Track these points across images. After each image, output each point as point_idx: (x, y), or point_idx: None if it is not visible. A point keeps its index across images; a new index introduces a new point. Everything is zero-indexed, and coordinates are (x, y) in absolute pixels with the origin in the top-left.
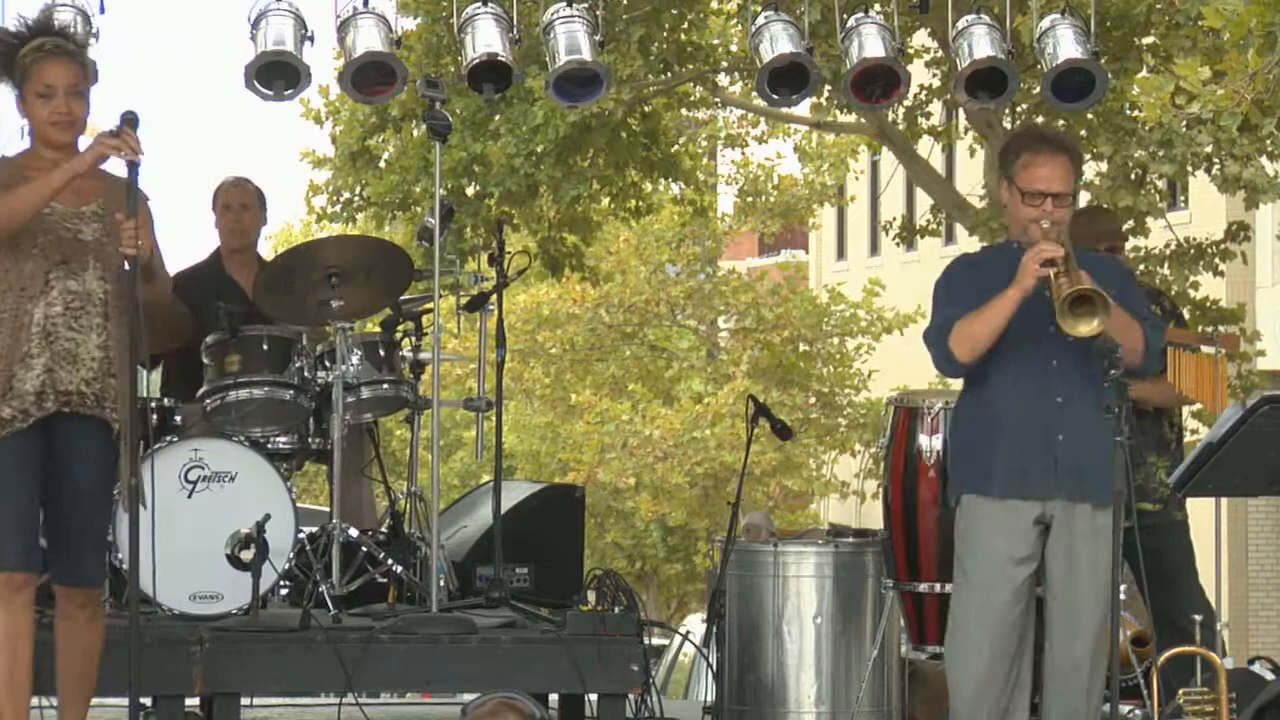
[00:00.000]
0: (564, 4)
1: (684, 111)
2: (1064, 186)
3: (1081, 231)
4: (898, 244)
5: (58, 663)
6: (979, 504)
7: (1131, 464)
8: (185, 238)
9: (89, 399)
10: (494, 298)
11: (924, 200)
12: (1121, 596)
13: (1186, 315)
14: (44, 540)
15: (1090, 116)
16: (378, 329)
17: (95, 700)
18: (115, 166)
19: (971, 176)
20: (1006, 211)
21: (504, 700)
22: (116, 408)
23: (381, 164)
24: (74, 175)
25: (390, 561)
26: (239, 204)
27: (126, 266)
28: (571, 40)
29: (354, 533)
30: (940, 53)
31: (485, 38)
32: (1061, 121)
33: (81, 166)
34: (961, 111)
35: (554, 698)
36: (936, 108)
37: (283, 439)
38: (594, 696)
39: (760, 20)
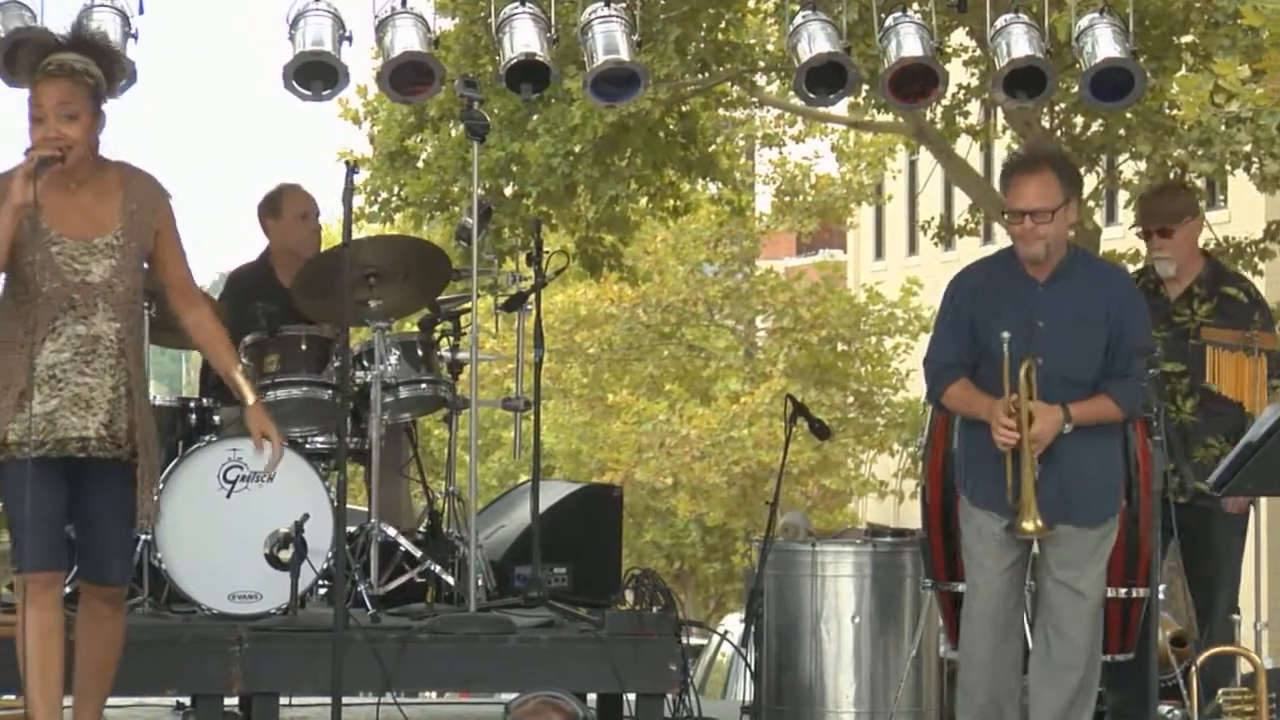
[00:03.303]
0: (602, 4)
1: (721, 111)
2: (1042, 203)
3: (1142, 206)
4: (936, 243)
5: (76, 659)
6: (971, 509)
7: (1181, 454)
8: (224, 236)
9: (107, 442)
10: (532, 297)
11: (962, 199)
12: (1161, 597)
13: None
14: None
15: (1129, 115)
16: (416, 329)
17: (133, 699)
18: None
19: None
20: None
21: (547, 699)
22: (140, 444)
23: (419, 164)
24: (16, 209)
25: (428, 561)
26: (315, 212)
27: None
28: (609, 40)
29: (392, 532)
30: (978, 52)
31: (523, 38)
32: (1100, 120)
33: (19, 199)
34: (1000, 110)
35: (592, 697)
36: (975, 107)
37: (321, 439)
38: (632, 696)
39: (798, 19)
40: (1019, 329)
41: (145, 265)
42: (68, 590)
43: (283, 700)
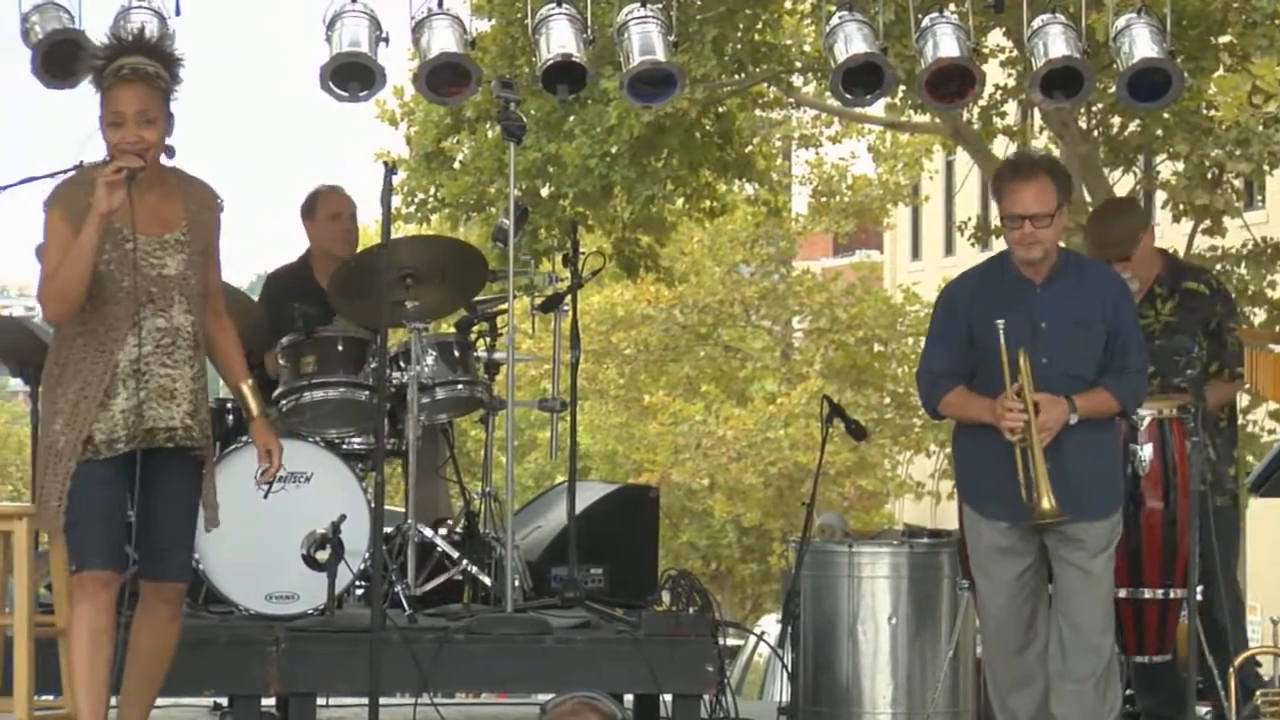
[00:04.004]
0: (638, 4)
1: (758, 112)
2: (1039, 207)
3: (1093, 237)
4: (972, 244)
5: (127, 659)
6: (975, 518)
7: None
8: (262, 238)
9: (193, 431)
10: (568, 298)
11: None
12: (1198, 598)
13: (1263, 315)
14: (131, 548)
15: (1166, 116)
16: (453, 330)
17: (170, 700)
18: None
19: None
20: (1072, 216)
21: (584, 700)
22: (202, 435)
23: (456, 165)
24: (102, 217)
25: (465, 562)
26: (348, 214)
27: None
28: (646, 40)
29: (429, 533)
30: (1015, 52)
31: (559, 38)
32: (1137, 121)
33: (105, 207)
34: (1037, 111)
35: (629, 698)
36: (1011, 107)
37: (358, 439)
38: (669, 697)
39: (834, 20)
40: (1022, 330)
41: None
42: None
43: (320, 701)
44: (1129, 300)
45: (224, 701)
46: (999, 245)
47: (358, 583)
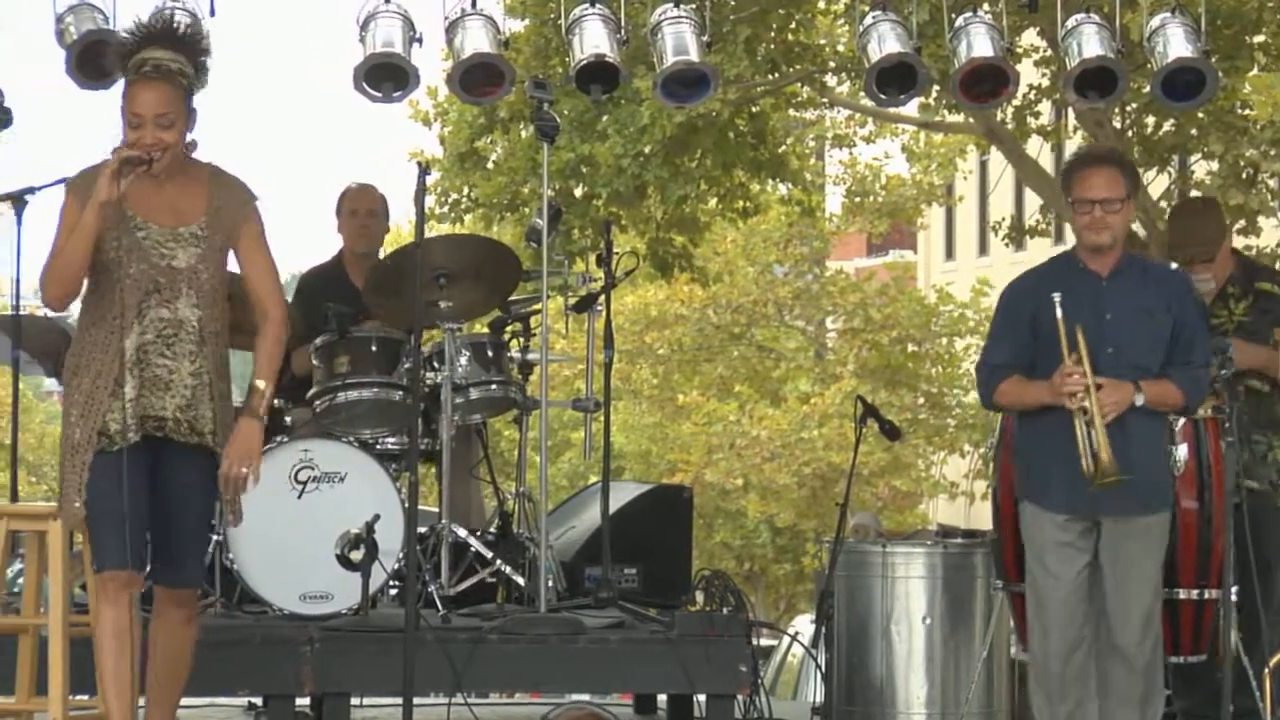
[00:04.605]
0: (671, 4)
1: (791, 111)
2: (1110, 193)
3: (1177, 238)
4: (1007, 244)
5: (149, 662)
6: (1035, 512)
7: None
8: (297, 237)
9: (184, 425)
10: (602, 298)
11: (1033, 200)
12: (1233, 598)
13: None
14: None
15: (1201, 115)
16: (486, 330)
17: (205, 700)
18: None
19: None
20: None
21: (590, 710)
22: (218, 433)
23: (490, 165)
24: (100, 206)
25: (499, 562)
26: (366, 210)
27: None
28: (679, 41)
29: (463, 533)
30: (1049, 52)
31: (593, 39)
32: (1172, 121)
33: (104, 196)
34: (1071, 111)
35: (662, 698)
36: (1046, 107)
37: (391, 440)
38: (702, 697)
39: (868, 20)
40: (1087, 322)
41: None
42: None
43: (354, 700)
44: (1192, 296)
45: (258, 701)
46: (1033, 246)
47: (391, 583)
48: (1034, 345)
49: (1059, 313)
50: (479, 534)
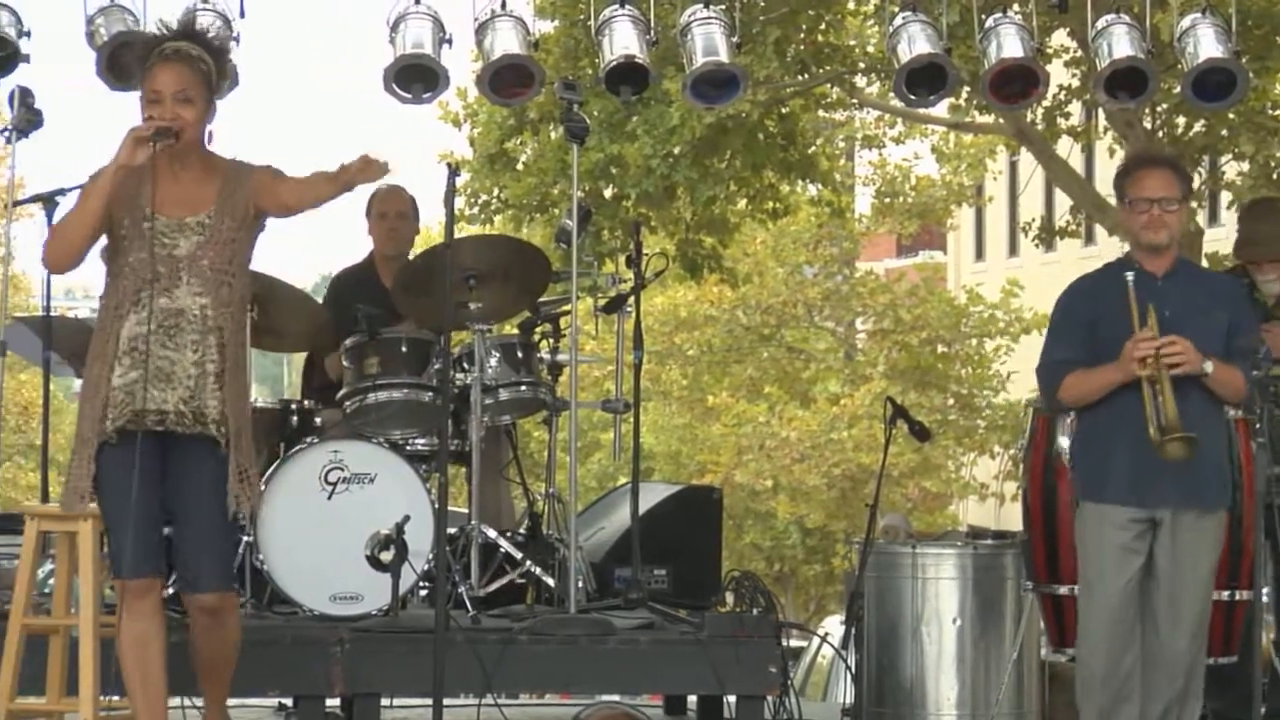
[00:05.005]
0: (701, 5)
1: (821, 112)
2: (1168, 192)
3: (1247, 235)
4: (1037, 245)
5: (193, 663)
6: (1095, 511)
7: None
8: (325, 239)
9: (186, 417)
10: (632, 299)
11: (1063, 201)
12: (1264, 600)
13: None
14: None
15: (1231, 116)
16: (516, 331)
17: (236, 700)
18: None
19: (1111, 177)
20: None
21: (623, 710)
22: (223, 423)
23: (519, 166)
24: (118, 169)
25: (529, 563)
26: (395, 212)
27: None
28: (708, 42)
29: (492, 534)
30: (1079, 52)
31: (623, 40)
32: (1202, 121)
33: (124, 159)
34: (1101, 111)
35: (692, 699)
36: (1076, 108)
37: (421, 441)
38: (732, 698)
39: (898, 21)
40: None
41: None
42: (170, 592)
43: (384, 701)
44: (1246, 298)
45: (288, 702)
46: (1063, 247)
47: (421, 584)
48: (1093, 348)
49: (1131, 291)
50: (508, 535)
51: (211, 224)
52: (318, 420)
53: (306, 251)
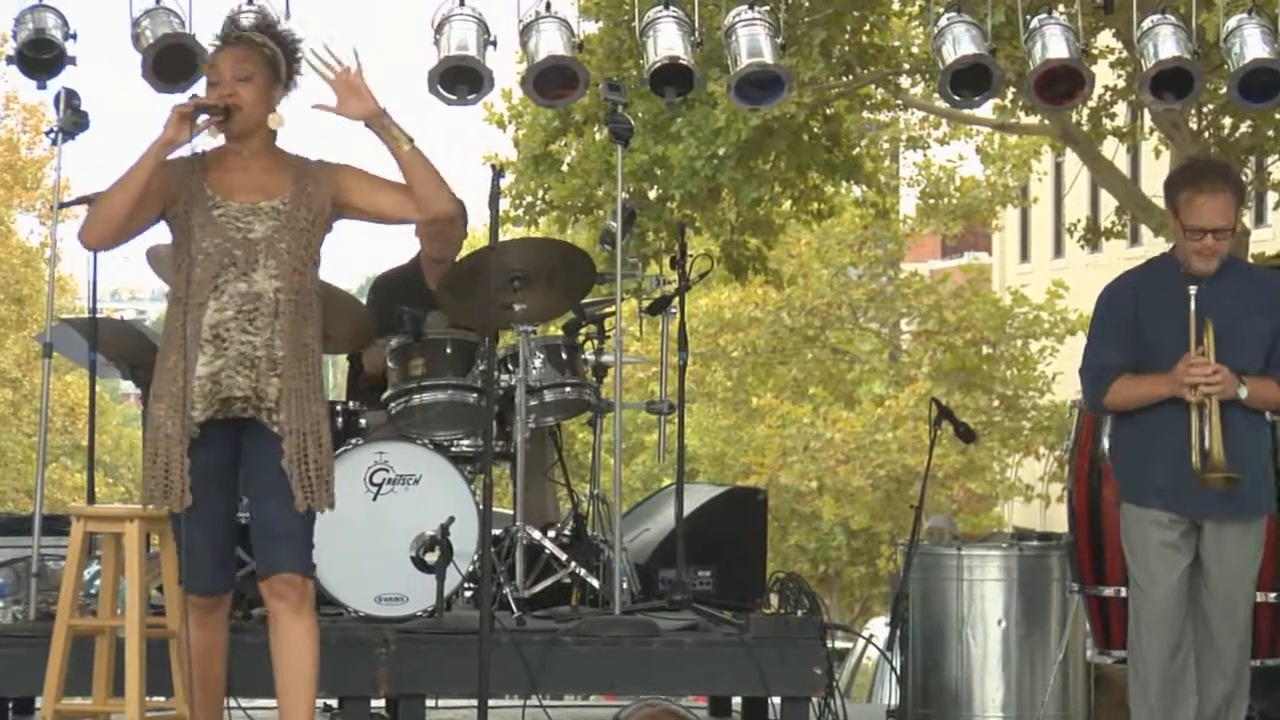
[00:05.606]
0: (745, 7)
1: (865, 114)
2: (1224, 221)
3: None
4: (1082, 246)
5: (274, 667)
6: (1137, 513)
7: None
8: (370, 241)
9: (252, 400)
10: (676, 301)
11: (1108, 201)
12: None
13: None
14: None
15: (1278, 117)
16: (560, 332)
17: (266, 700)
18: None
19: (1157, 177)
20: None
21: (665, 707)
22: (281, 410)
23: (564, 167)
24: (160, 145)
25: (573, 564)
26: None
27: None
28: (753, 43)
29: (537, 535)
30: (1125, 53)
31: (667, 41)
32: (1248, 122)
33: (168, 135)
34: (1147, 112)
35: (737, 700)
36: (1121, 108)
37: (466, 442)
38: (777, 699)
39: (943, 22)
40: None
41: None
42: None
43: (429, 702)
44: None
45: (334, 703)
46: (1108, 247)
47: (466, 585)
48: (1136, 350)
49: (1192, 305)
50: (553, 536)
51: (287, 210)
52: (363, 422)
53: (349, 254)
